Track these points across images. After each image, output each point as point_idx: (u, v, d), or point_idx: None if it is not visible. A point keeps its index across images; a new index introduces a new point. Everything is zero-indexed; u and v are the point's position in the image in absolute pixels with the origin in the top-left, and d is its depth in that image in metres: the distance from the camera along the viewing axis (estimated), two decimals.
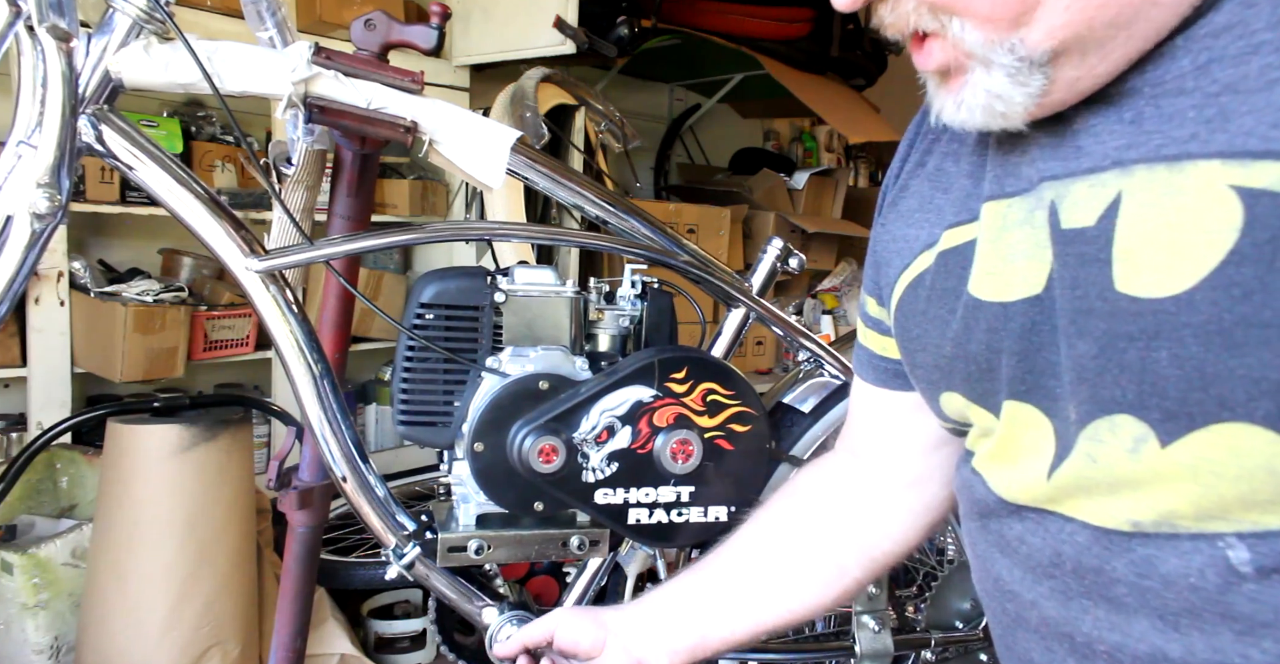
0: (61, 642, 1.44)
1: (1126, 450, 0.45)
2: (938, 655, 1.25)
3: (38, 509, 1.61)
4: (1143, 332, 0.44)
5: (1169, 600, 0.45)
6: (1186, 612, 0.44)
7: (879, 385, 0.74)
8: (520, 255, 1.77)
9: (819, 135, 3.93)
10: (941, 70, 0.51)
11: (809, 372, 1.17)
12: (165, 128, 2.08)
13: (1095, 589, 0.48)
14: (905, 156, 0.68)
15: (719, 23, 2.81)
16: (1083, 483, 0.48)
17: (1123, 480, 0.46)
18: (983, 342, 0.54)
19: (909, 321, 0.62)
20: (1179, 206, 0.43)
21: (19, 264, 0.81)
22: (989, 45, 0.47)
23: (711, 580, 0.79)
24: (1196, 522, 0.43)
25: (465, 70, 2.49)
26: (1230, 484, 0.42)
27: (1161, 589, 0.45)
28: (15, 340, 1.87)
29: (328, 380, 0.91)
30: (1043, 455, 0.51)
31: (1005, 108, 0.48)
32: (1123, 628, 0.47)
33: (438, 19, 0.90)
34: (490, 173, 0.89)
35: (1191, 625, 0.44)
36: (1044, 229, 0.50)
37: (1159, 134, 0.45)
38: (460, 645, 1.88)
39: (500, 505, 0.95)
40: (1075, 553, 0.49)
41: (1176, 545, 0.44)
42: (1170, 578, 0.44)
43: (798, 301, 3.18)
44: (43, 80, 0.79)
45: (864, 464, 0.78)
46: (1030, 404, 0.51)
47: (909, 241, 0.63)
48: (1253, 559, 0.42)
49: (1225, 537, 0.43)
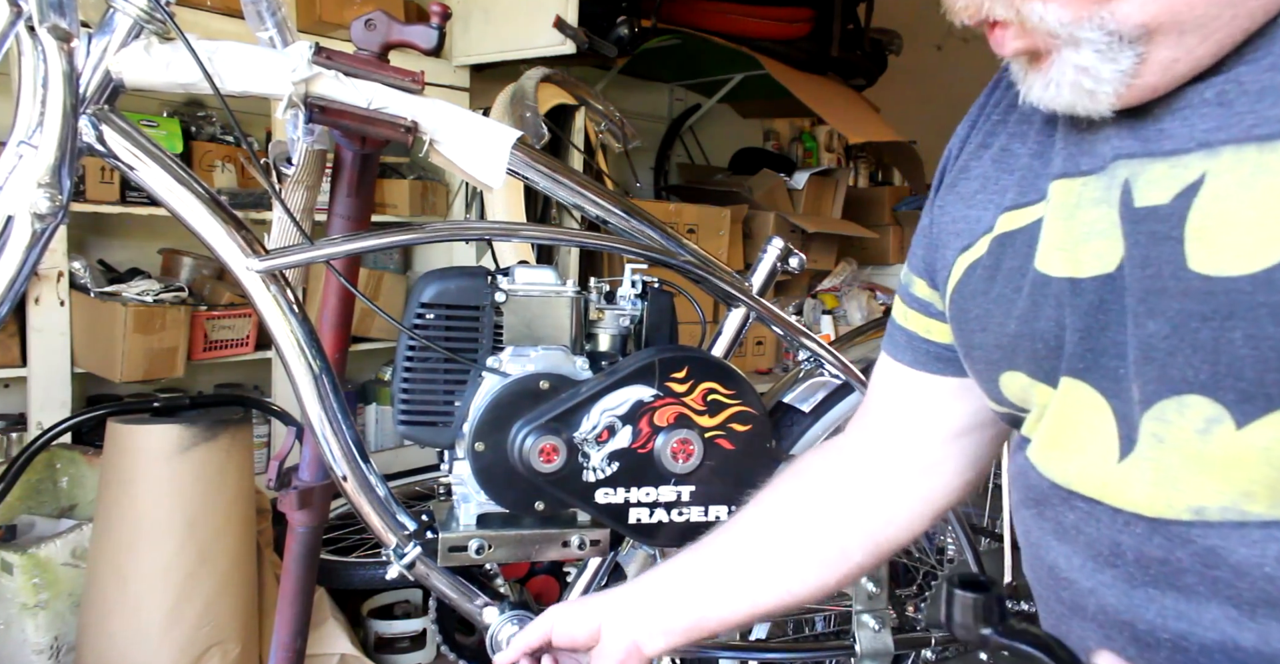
0: (61, 642, 1.44)
1: (1196, 431, 0.44)
2: (938, 655, 1.25)
3: (38, 509, 1.61)
4: (1216, 311, 0.43)
5: (1242, 590, 0.44)
6: (1264, 601, 0.43)
7: (916, 368, 0.72)
8: (520, 255, 1.77)
9: (819, 135, 3.93)
10: (1027, 52, 0.50)
11: (809, 371, 1.18)
12: (165, 128, 2.08)
13: (1162, 578, 0.47)
14: (965, 138, 0.67)
15: (719, 23, 2.81)
16: (1148, 466, 0.47)
17: (1191, 463, 0.45)
18: (1051, 318, 0.53)
19: (968, 302, 0.61)
20: (1267, 186, 0.42)
21: (19, 264, 0.81)
22: (1075, 23, 0.45)
23: (710, 560, 0.78)
24: (1270, 508, 0.43)
25: (465, 70, 2.49)
26: None
27: (1234, 579, 0.44)
28: (15, 340, 1.87)
29: (328, 380, 0.91)
30: (1104, 439, 0.50)
31: (1094, 85, 0.47)
32: (1190, 617, 0.46)
33: (438, 19, 0.90)
34: (490, 173, 0.89)
35: (1270, 615, 0.43)
36: (1115, 208, 0.49)
37: (1251, 114, 0.44)
38: (460, 645, 1.88)
39: (501, 505, 0.95)
40: (1136, 543, 0.48)
41: (1245, 534, 0.44)
42: (1242, 568, 0.44)
43: (798, 301, 3.18)
44: (43, 80, 0.79)
45: (877, 447, 0.76)
46: (1088, 383, 0.51)
47: (970, 223, 0.62)
48: None
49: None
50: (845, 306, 3.25)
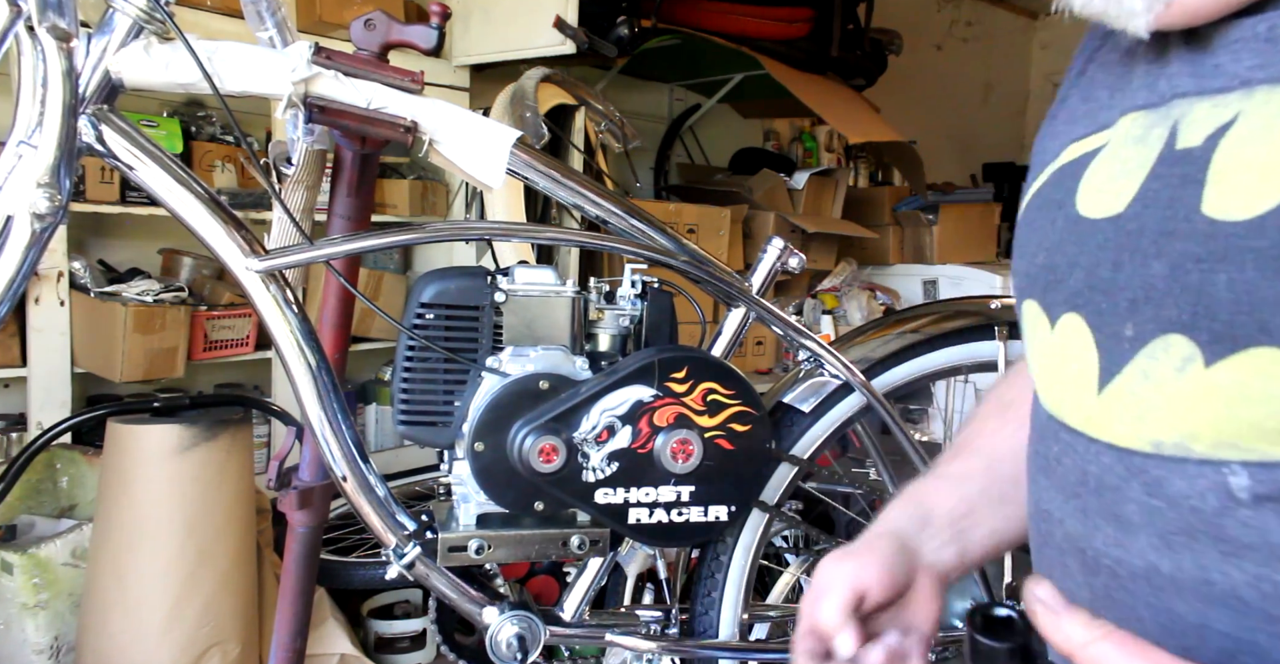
0: (61, 642, 1.44)
1: (1175, 369, 0.45)
2: (938, 655, 1.25)
3: (38, 509, 1.61)
4: (1210, 254, 0.43)
5: (1171, 520, 0.46)
6: (1183, 531, 0.46)
7: None
8: (520, 255, 1.77)
9: (819, 135, 3.93)
10: None
11: (809, 371, 1.17)
12: (165, 128, 2.08)
13: (1111, 506, 0.50)
14: (1069, 70, 0.67)
15: (719, 23, 2.81)
16: (1128, 400, 0.48)
17: (1165, 398, 0.46)
18: (1069, 253, 0.53)
19: (1020, 231, 0.61)
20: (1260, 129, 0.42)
21: (19, 264, 0.81)
22: None
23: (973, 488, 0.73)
24: (1211, 447, 0.44)
25: (465, 70, 2.49)
26: (1250, 407, 0.42)
27: (1166, 508, 0.46)
28: (15, 340, 1.87)
29: (328, 380, 0.91)
30: (1088, 373, 0.51)
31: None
32: (1125, 544, 0.49)
33: (438, 19, 0.90)
34: (490, 173, 0.89)
35: (1184, 544, 0.46)
36: (1155, 148, 0.48)
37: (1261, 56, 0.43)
38: (460, 645, 1.88)
39: (500, 505, 0.95)
40: (1099, 472, 0.50)
41: (1185, 469, 0.46)
42: (1175, 499, 0.46)
43: (798, 302, 3.18)
44: (43, 80, 0.79)
45: None
46: (1083, 318, 0.51)
47: (1044, 154, 0.62)
48: (1250, 486, 0.43)
49: (1230, 464, 0.44)
50: (845, 306, 3.25)
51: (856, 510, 1.98)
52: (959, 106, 5.18)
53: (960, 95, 5.20)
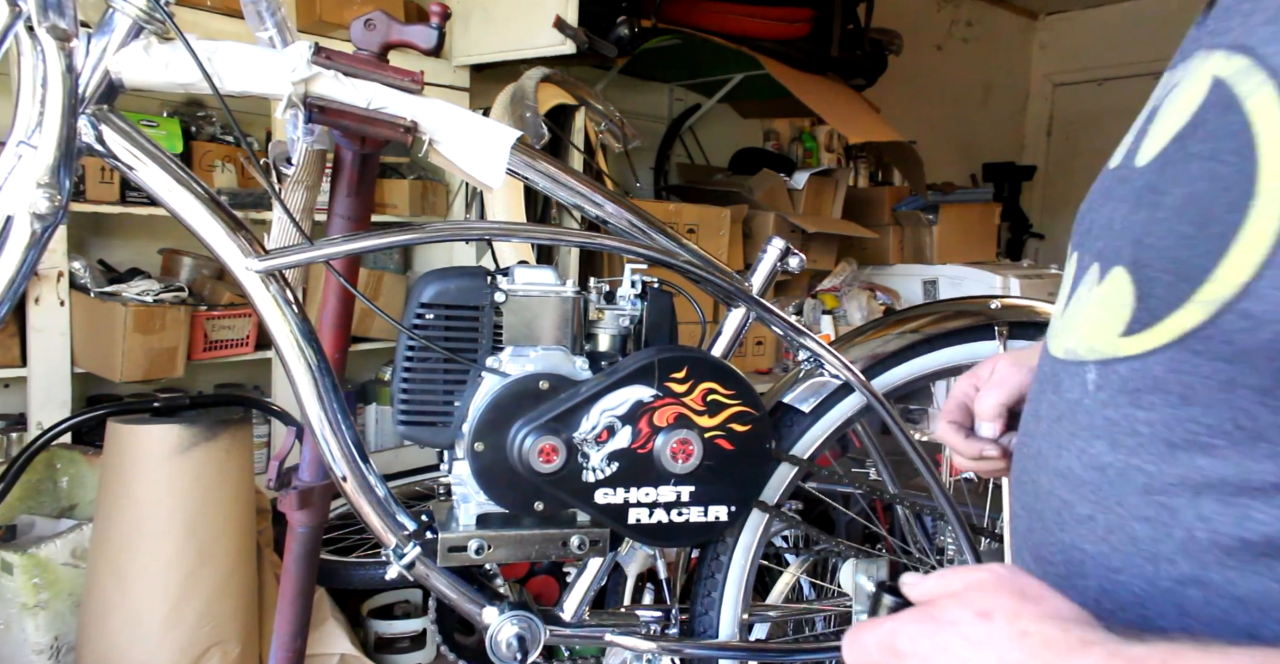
0: (61, 642, 1.44)
1: (1087, 290, 0.55)
2: None
3: (38, 509, 1.61)
4: (1123, 195, 0.52)
5: (1058, 412, 0.56)
6: (1059, 418, 0.56)
7: None
8: (520, 255, 1.77)
9: (819, 135, 3.92)
10: None
11: (809, 371, 1.17)
12: (165, 128, 2.08)
13: (1043, 408, 0.59)
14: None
15: (719, 23, 2.81)
16: (1068, 318, 0.58)
17: (1080, 313, 0.56)
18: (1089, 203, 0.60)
19: None
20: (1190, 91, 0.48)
21: (19, 264, 0.81)
22: None
23: None
24: (1086, 351, 0.54)
25: (465, 70, 2.49)
26: (1103, 314, 0.52)
27: (1057, 402, 0.57)
28: (15, 340, 1.87)
29: (328, 380, 0.91)
30: (1064, 297, 0.60)
31: None
32: (1036, 432, 0.59)
33: (438, 19, 0.90)
34: (490, 173, 0.89)
35: (1055, 429, 0.57)
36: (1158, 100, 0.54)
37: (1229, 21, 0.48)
38: (460, 645, 1.88)
39: (500, 505, 0.95)
40: (1041, 378, 0.61)
41: (1069, 369, 0.56)
42: (1062, 393, 0.56)
43: (798, 302, 3.18)
44: (43, 80, 0.79)
45: None
46: (1076, 256, 0.60)
47: None
48: (1095, 380, 0.53)
49: (1088, 364, 0.53)
50: (845, 306, 3.25)
51: (856, 510, 1.98)
52: (959, 106, 5.18)
53: (960, 95, 5.20)
